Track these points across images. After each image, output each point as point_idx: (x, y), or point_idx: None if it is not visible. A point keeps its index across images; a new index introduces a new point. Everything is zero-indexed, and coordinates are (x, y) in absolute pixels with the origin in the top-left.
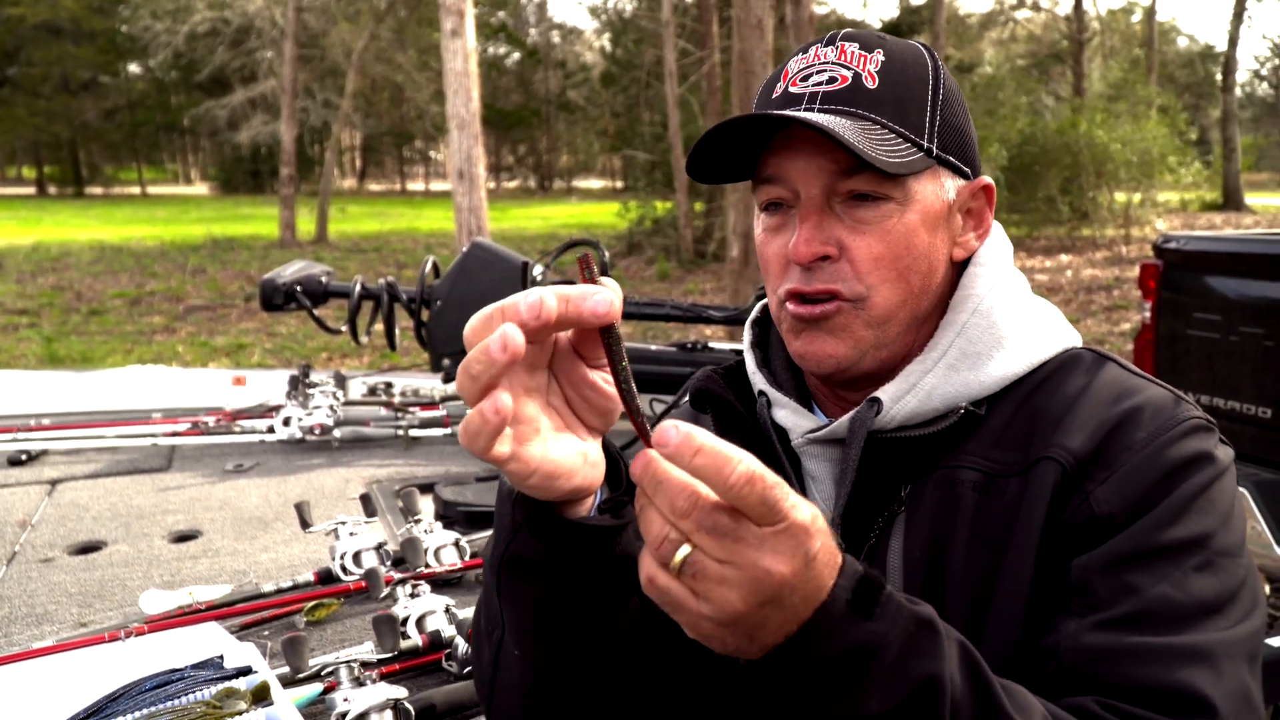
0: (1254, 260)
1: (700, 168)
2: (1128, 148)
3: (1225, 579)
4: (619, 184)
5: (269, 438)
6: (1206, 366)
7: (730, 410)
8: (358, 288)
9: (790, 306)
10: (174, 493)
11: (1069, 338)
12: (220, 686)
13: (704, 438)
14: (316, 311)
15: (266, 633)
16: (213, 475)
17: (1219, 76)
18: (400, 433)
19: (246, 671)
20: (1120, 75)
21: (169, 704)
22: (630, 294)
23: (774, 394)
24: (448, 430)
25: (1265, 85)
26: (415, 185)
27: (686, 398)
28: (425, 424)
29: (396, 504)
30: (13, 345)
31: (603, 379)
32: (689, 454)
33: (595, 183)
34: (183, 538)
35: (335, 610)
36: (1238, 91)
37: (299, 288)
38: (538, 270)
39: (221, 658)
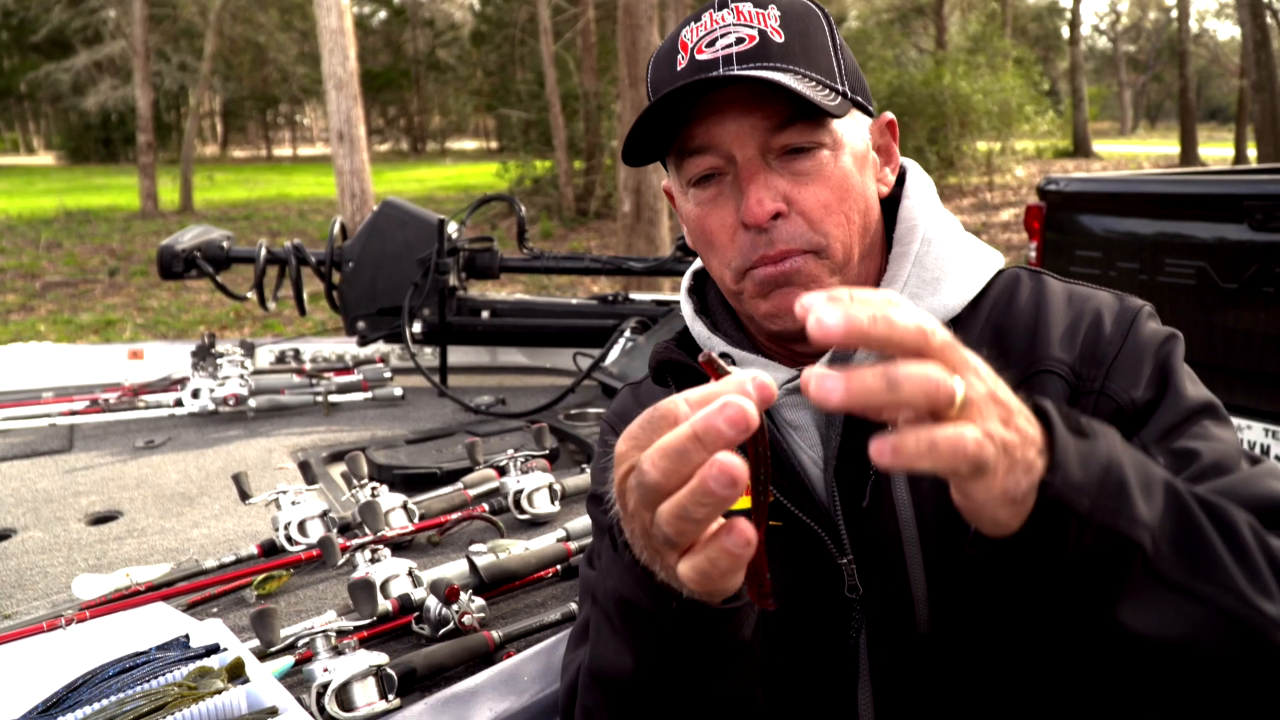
0: (1129, 200)
1: (629, 152)
2: (989, 98)
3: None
4: (494, 144)
5: (178, 411)
6: None
7: (697, 377)
8: (263, 251)
9: (756, 273)
10: (82, 473)
11: (997, 258)
12: (192, 666)
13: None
14: (219, 278)
15: (215, 609)
16: (122, 453)
17: (1065, 31)
18: (319, 399)
19: (216, 649)
20: (979, 28)
21: (139, 689)
22: (547, 248)
23: (738, 354)
24: (367, 394)
25: (1104, 39)
26: (282, 151)
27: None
28: (343, 389)
29: (328, 471)
30: None
31: None
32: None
33: (469, 144)
34: (101, 519)
35: (285, 581)
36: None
37: (199, 253)
38: (453, 228)
39: (186, 636)
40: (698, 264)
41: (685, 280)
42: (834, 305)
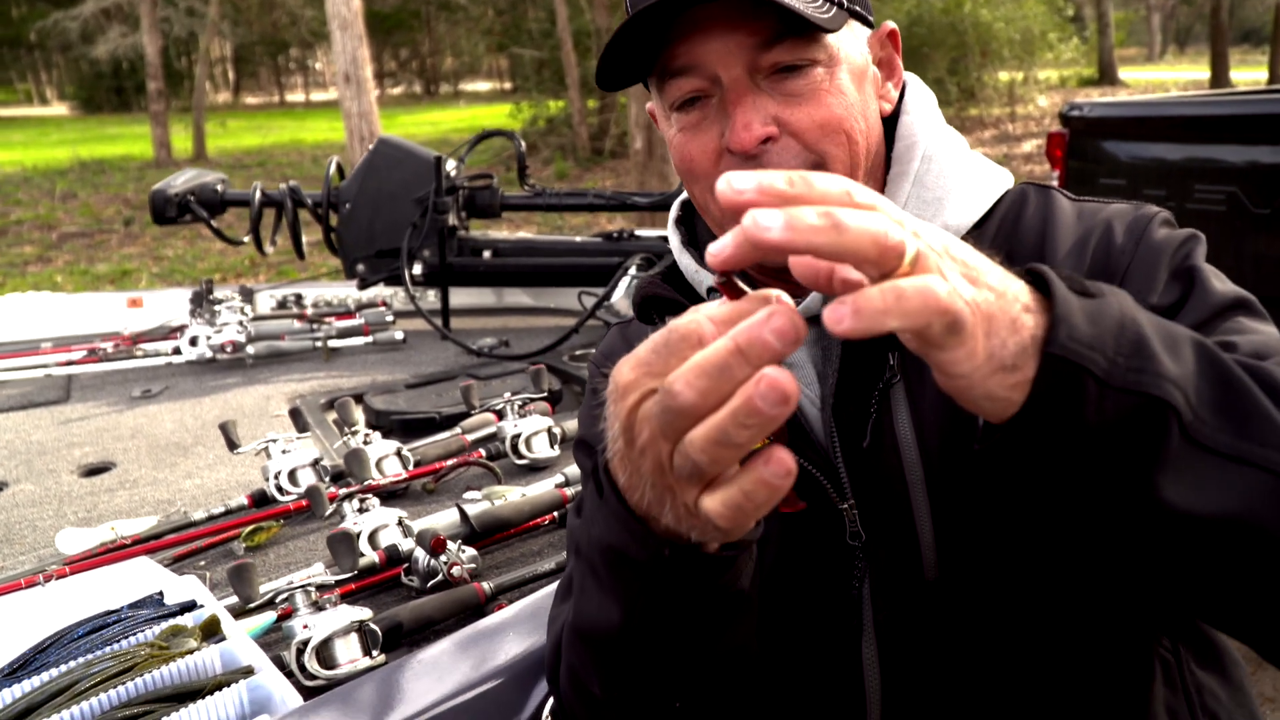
0: (1156, 123)
1: (603, 74)
2: (1010, 26)
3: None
4: (507, 85)
5: (176, 360)
6: None
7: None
8: (258, 194)
9: None
10: (77, 424)
11: (1006, 176)
12: (165, 625)
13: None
14: (214, 222)
15: (203, 563)
16: (118, 403)
17: None
18: (318, 344)
19: (191, 606)
20: None
21: (108, 649)
22: (561, 188)
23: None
24: (368, 339)
25: None
26: (295, 96)
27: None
28: (344, 334)
29: (325, 417)
30: None
31: None
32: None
33: (483, 85)
34: (94, 471)
35: (276, 533)
36: None
37: (192, 197)
38: (451, 165)
39: (161, 594)
40: (686, 193)
41: (673, 210)
42: (749, 174)
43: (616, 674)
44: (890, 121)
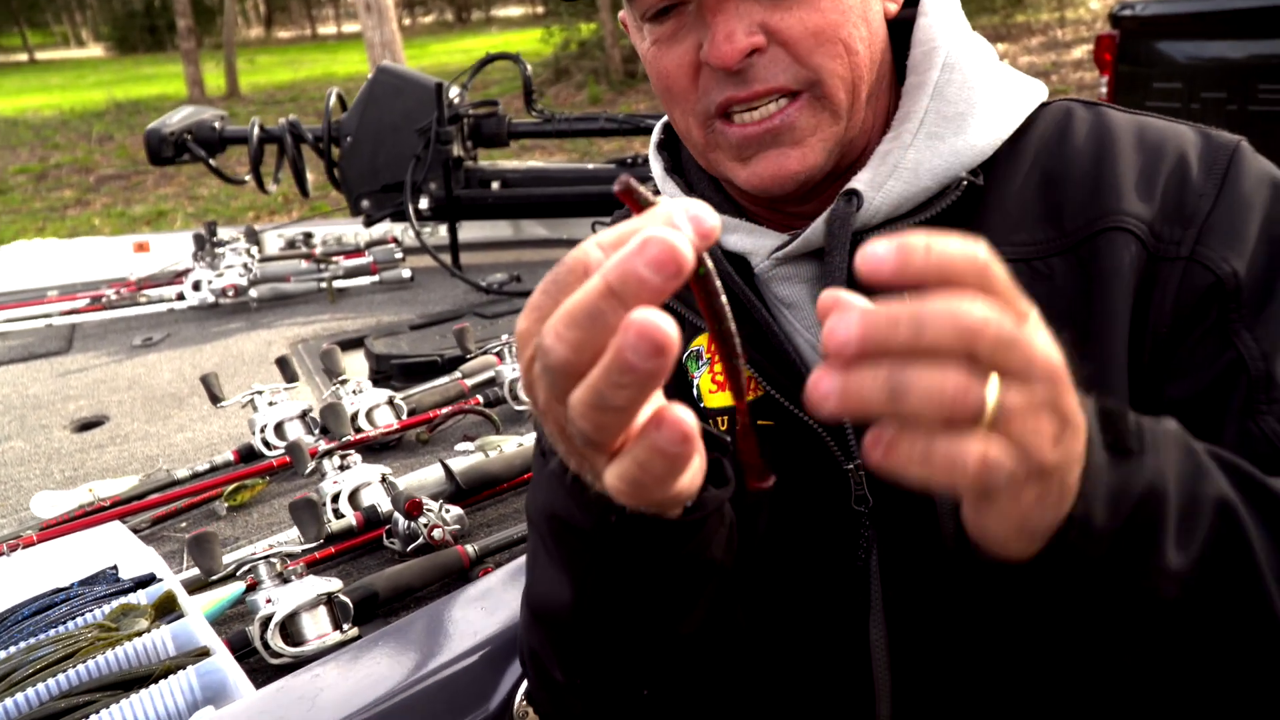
0: (1218, 19)
1: None
2: None
3: None
4: (539, 9)
5: (179, 305)
6: None
7: None
8: (256, 130)
9: (728, 130)
10: (75, 376)
11: (1039, 89)
12: (116, 603)
13: (913, 235)
14: (214, 161)
15: (184, 524)
16: (118, 353)
17: None
18: (323, 286)
19: (148, 581)
20: None
21: (52, 632)
22: (596, 113)
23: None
24: (375, 278)
25: None
26: (326, 29)
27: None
28: (350, 273)
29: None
30: None
31: None
32: (918, 259)
33: (515, 10)
34: (87, 425)
35: (260, 491)
36: None
37: (189, 136)
38: (454, 91)
39: (115, 568)
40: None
41: (655, 134)
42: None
43: (575, 656)
44: (902, 27)
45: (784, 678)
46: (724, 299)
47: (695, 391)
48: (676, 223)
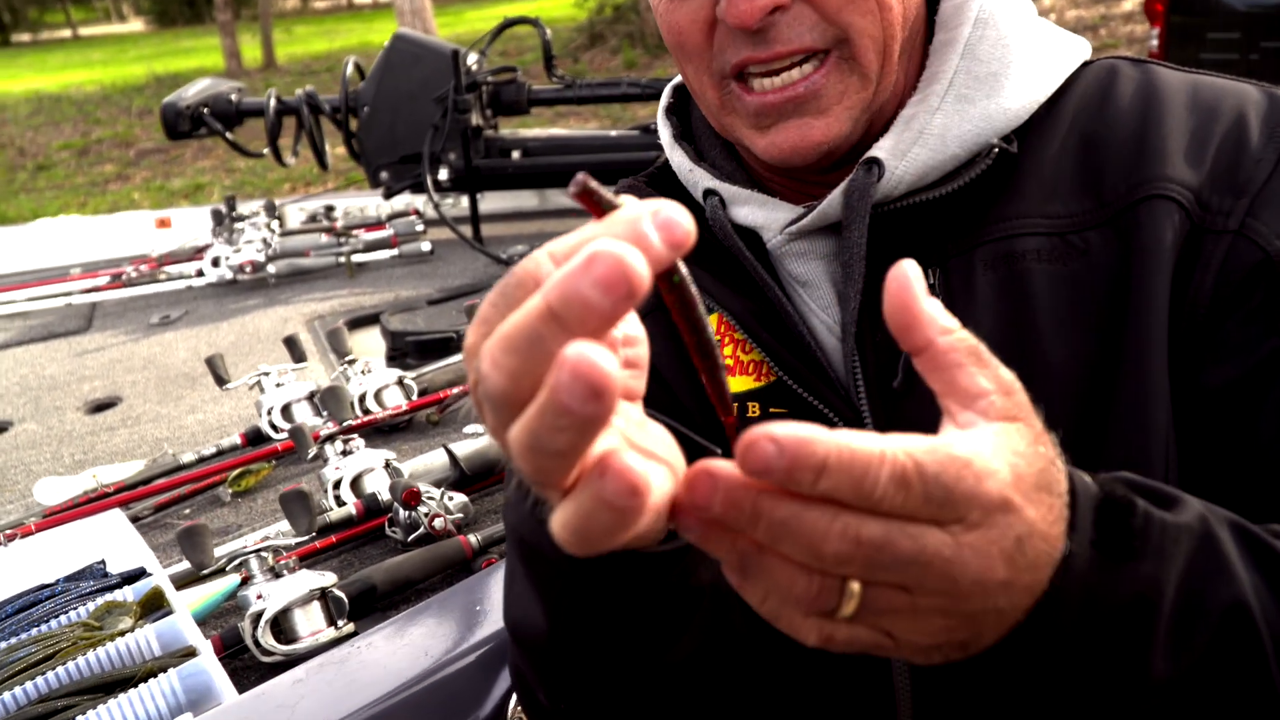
0: None
1: None
2: None
3: None
4: None
5: (197, 282)
6: None
7: None
8: (272, 102)
9: (745, 97)
10: (92, 356)
11: (1082, 46)
12: (101, 600)
13: (822, 441)
14: (234, 134)
15: (188, 511)
16: (136, 331)
17: None
18: (342, 260)
19: (137, 575)
20: None
21: (33, 632)
22: (632, 77)
23: (728, 189)
24: (395, 251)
25: None
26: None
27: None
28: (370, 247)
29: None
30: None
31: None
32: (810, 476)
33: None
34: (100, 407)
35: (266, 476)
36: None
37: (206, 109)
38: (472, 58)
39: (103, 563)
40: (680, 76)
41: (664, 97)
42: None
43: (557, 682)
44: None
45: (800, 685)
46: (702, 309)
47: None
48: (642, 229)
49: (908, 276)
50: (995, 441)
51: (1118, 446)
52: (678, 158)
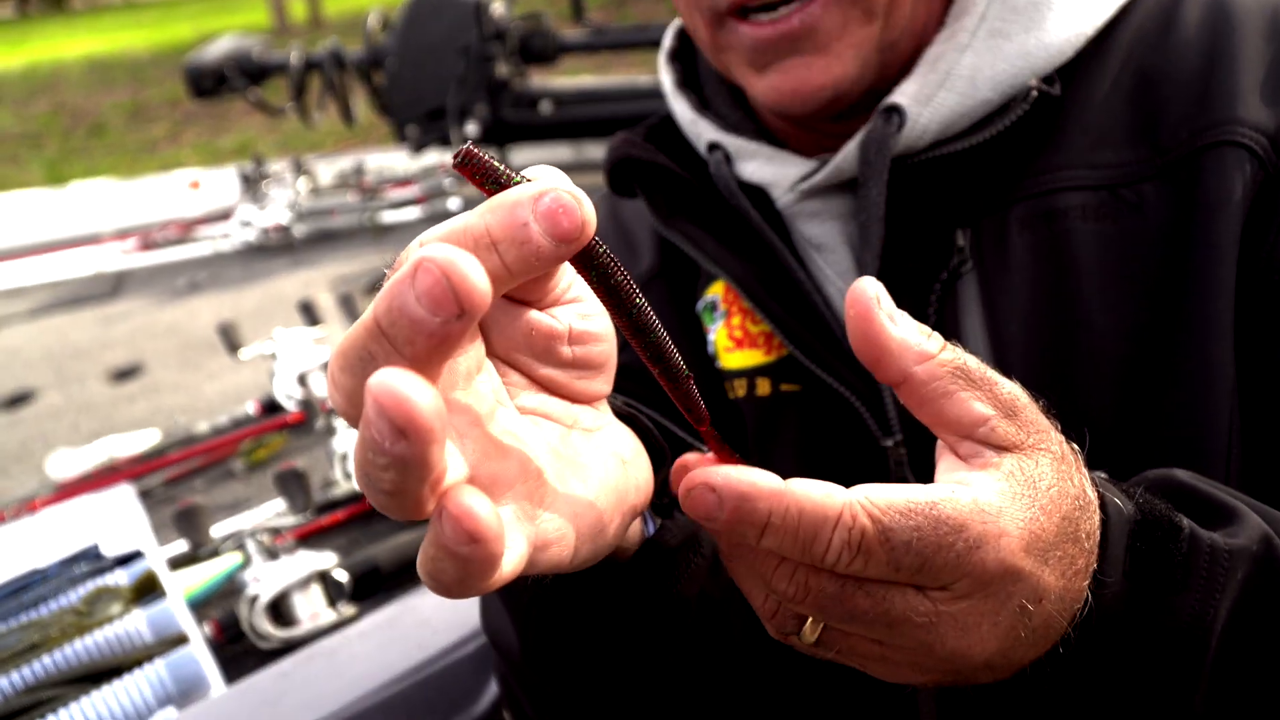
0: None
1: None
2: None
3: None
4: None
5: (224, 245)
6: None
7: (671, 181)
8: (294, 57)
9: (741, 29)
10: (118, 323)
11: None
12: (92, 586)
13: (765, 495)
14: (261, 90)
15: (199, 484)
16: (161, 297)
17: None
18: (368, 220)
19: (132, 558)
20: None
21: (22, 618)
22: (608, 22)
23: (734, 142)
24: (421, 211)
25: None
26: None
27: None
28: (397, 205)
29: (359, 306)
30: (15, 174)
31: (577, 315)
32: (752, 532)
33: None
34: (122, 375)
35: (279, 448)
36: None
37: (229, 67)
38: (498, 6)
39: (96, 546)
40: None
41: (666, 40)
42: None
43: (540, 697)
44: None
45: (813, 699)
46: (643, 305)
47: (711, 348)
48: (519, 218)
49: (869, 298)
50: (1005, 490)
51: (1170, 435)
52: (680, 107)
